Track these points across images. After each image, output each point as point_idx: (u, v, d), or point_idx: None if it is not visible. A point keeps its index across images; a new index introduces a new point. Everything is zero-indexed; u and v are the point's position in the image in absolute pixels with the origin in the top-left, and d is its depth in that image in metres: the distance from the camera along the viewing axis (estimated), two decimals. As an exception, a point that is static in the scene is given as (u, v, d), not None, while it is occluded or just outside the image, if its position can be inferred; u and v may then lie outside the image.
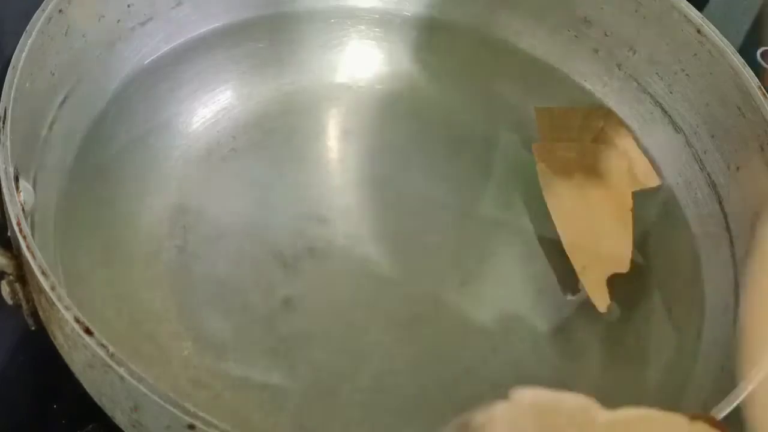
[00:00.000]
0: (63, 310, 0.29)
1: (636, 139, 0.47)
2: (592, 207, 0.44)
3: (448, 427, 0.30)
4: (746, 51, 0.59)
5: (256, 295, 0.39)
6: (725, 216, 0.43)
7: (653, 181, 0.46)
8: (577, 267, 0.42)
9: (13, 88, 0.34)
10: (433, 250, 0.43)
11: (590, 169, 0.45)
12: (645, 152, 0.47)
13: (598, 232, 0.43)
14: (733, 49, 0.43)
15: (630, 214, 0.44)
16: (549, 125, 0.47)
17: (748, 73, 0.42)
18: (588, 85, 0.50)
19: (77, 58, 0.41)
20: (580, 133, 0.47)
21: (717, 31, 0.43)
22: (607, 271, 0.42)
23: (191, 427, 0.27)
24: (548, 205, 0.44)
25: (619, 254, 0.43)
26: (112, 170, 0.42)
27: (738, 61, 0.42)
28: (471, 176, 0.46)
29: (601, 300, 0.41)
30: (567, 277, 0.42)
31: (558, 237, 0.43)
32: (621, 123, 0.48)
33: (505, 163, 0.47)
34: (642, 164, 0.46)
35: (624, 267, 0.42)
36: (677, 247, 0.44)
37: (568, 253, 0.42)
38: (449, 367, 0.39)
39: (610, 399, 0.39)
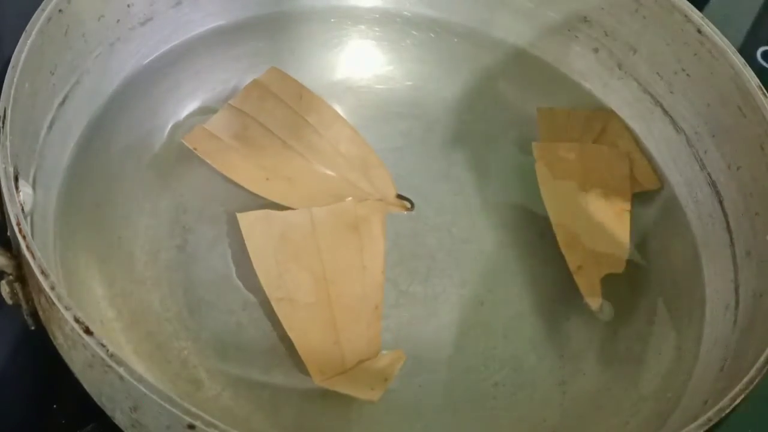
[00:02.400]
0: (63, 310, 0.29)
1: (636, 140, 0.47)
2: (589, 207, 0.44)
3: None
4: (746, 51, 0.59)
5: (256, 294, 0.39)
6: (725, 216, 0.43)
7: (653, 184, 0.46)
8: (572, 266, 0.42)
9: (13, 88, 0.34)
10: (432, 250, 0.43)
11: (590, 170, 0.45)
12: (645, 152, 0.47)
13: (594, 232, 0.43)
14: (733, 49, 0.43)
15: (628, 215, 0.44)
16: (550, 126, 0.47)
17: (748, 73, 0.42)
18: (588, 85, 0.50)
19: (77, 58, 0.41)
20: (582, 134, 0.47)
21: (717, 31, 0.43)
22: (602, 271, 0.42)
23: (191, 427, 0.27)
24: (546, 205, 0.44)
25: (615, 254, 0.43)
26: (112, 170, 0.42)
27: (738, 60, 0.42)
28: (471, 176, 0.46)
29: (595, 299, 0.41)
30: (562, 276, 0.42)
31: (555, 236, 0.43)
32: (623, 125, 0.48)
33: (504, 162, 0.47)
34: (642, 166, 0.46)
35: (619, 268, 0.42)
36: (677, 247, 0.44)
37: (563, 252, 0.42)
38: (449, 367, 0.39)
39: (610, 399, 0.39)
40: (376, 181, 0.43)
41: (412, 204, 0.44)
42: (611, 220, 0.44)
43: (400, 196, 0.44)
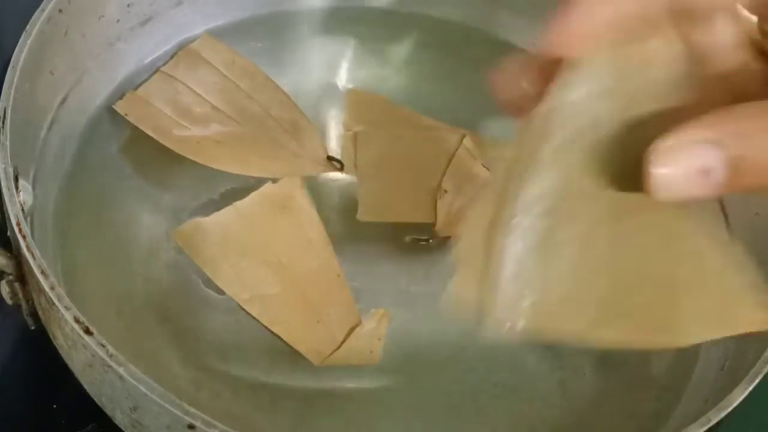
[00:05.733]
0: (63, 310, 0.29)
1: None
2: None
3: None
4: (746, 51, 0.59)
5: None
6: (725, 216, 0.43)
7: None
8: None
9: (13, 88, 0.34)
10: (431, 249, 0.43)
11: None
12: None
13: None
14: (733, 48, 0.43)
15: None
16: None
17: (748, 73, 0.42)
18: (588, 85, 0.49)
19: (77, 58, 0.41)
20: None
21: (717, 31, 0.43)
22: None
23: (191, 427, 0.27)
24: None
25: None
26: (112, 170, 0.42)
27: (738, 60, 0.42)
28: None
29: None
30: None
31: None
32: None
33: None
34: None
35: None
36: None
37: None
38: (448, 367, 0.39)
39: (610, 398, 0.39)
40: (307, 143, 0.44)
41: (342, 165, 0.44)
42: None
43: (330, 158, 0.44)
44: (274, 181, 0.40)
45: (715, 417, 0.30)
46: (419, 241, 0.42)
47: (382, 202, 0.43)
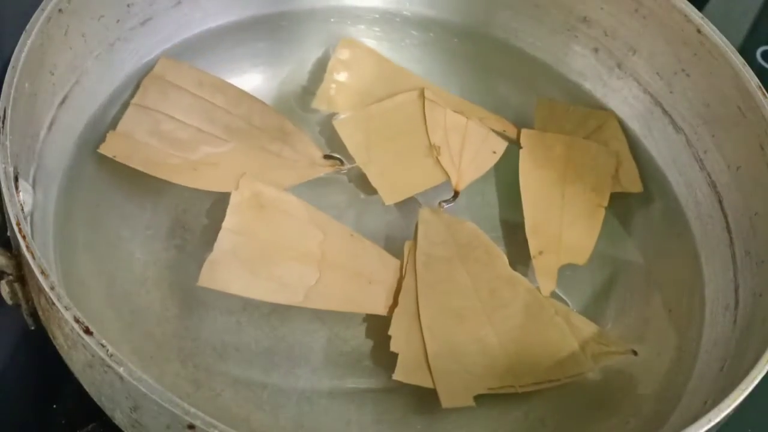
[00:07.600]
0: (63, 310, 0.29)
1: (636, 140, 0.47)
2: (565, 198, 0.44)
3: None
4: (746, 51, 0.59)
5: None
6: (725, 216, 0.43)
7: (635, 187, 0.46)
8: (533, 251, 0.42)
9: (13, 88, 0.34)
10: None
11: (573, 163, 0.46)
12: (645, 152, 0.47)
13: (563, 223, 0.43)
14: (733, 49, 0.43)
15: (602, 212, 0.44)
16: (547, 116, 0.47)
17: (748, 73, 0.42)
18: (588, 85, 0.50)
19: (77, 57, 0.41)
20: (575, 128, 0.47)
21: (717, 31, 0.43)
22: (562, 260, 0.42)
23: (191, 427, 0.27)
24: (521, 189, 0.44)
25: (580, 246, 0.43)
26: (112, 170, 0.42)
27: (738, 60, 0.42)
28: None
29: (547, 285, 0.41)
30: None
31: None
32: (620, 128, 0.48)
33: (503, 161, 0.47)
34: (629, 168, 0.46)
35: (582, 260, 0.42)
36: (677, 247, 0.44)
37: (527, 236, 0.42)
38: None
39: (610, 398, 0.39)
40: (299, 146, 0.43)
41: (342, 161, 0.44)
42: (584, 214, 0.44)
43: (327, 156, 0.44)
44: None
45: (715, 417, 0.30)
46: (447, 202, 0.43)
47: (395, 181, 0.43)
